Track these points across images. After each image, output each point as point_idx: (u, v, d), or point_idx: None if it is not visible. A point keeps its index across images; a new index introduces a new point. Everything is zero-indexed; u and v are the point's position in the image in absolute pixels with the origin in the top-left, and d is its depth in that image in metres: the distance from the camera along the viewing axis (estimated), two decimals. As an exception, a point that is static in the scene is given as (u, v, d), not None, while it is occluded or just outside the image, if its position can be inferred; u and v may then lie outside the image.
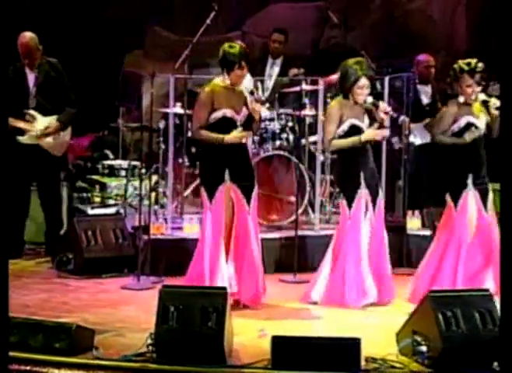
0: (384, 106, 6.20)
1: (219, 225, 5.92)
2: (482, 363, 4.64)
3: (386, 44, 9.93)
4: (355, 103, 6.17)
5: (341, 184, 6.40)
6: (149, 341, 4.69)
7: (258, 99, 6.10)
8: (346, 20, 9.59)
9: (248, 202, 5.96)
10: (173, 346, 4.63)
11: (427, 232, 7.51)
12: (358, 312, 5.96)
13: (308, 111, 7.84)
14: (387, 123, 6.24)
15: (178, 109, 7.59)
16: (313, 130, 7.85)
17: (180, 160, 7.73)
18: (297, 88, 7.76)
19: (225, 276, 5.86)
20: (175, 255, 7.00)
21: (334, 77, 7.90)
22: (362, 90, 6.11)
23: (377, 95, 6.55)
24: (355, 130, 6.15)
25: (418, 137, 8.04)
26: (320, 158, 7.69)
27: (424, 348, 4.67)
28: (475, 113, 6.20)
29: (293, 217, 7.24)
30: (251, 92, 6.02)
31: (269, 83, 8.37)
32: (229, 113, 5.95)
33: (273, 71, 8.23)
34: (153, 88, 6.92)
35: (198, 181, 7.70)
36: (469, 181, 6.14)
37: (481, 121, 6.20)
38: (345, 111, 6.15)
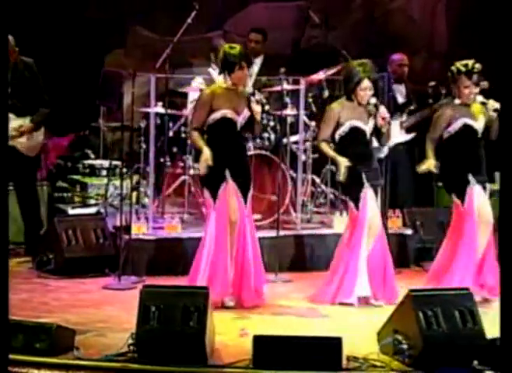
0: (383, 111, 6.20)
1: (224, 224, 5.97)
2: (462, 361, 4.66)
3: (367, 44, 9.95)
4: (358, 105, 6.18)
5: (345, 185, 6.36)
6: (130, 341, 4.68)
7: (259, 100, 6.12)
8: (327, 20, 9.60)
9: (245, 201, 6.01)
10: (155, 346, 4.62)
11: (408, 231, 7.54)
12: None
13: (289, 111, 7.84)
14: (384, 129, 6.21)
15: (159, 108, 7.58)
16: (294, 129, 7.85)
17: (162, 159, 7.72)
18: (278, 88, 7.76)
19: (230, 276, 5.92)
20: (156, 255, 7.00)
21: (315, 76, 7.96)
22: (365, 92, 6.13)
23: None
24: (356, 132, 6.17)
25: (393, 137, 8.07)
26: (301, 157, 7.70)
27: (405, 347, 4.69)
28: (473, 115, 6.24)
29: (275, 217, 7.24)
30: (252, 94, 6.06)
31: (249, 82, 8.36)
32: (229, 114, 5.98)
33: (252, 70, 8.23)
34: (134, 87, 6.90)
35: (180, 180, 7.76)
36: (470, 177, 6.20)
37: (479, 123, 6.23)
38: (346, 113, 6.17)
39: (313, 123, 8.04)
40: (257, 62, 8.28)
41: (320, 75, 7.93)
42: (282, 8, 10.34)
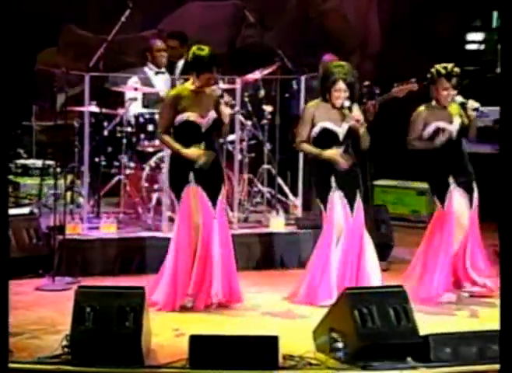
0: (356, 113, 6.16)
1: (186, 226, 5.93)
2: (397, 358, 4.72)
3: (302, 44, 10.01)
4: (333, 107, 6.18)
5: (315, 187, 6.39)
6: (65, 343, 4.63)
7: (228, 102, 6.04)
8: (263, 19, 9.62)
9: (214, 204, 5.96)
10: (90, 348, 4.58)
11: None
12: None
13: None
14: (361, 130, 6.16)
15: (93, 107, 7.51)
16: (230, 129, 7.84)
17: (97, 159, 7.64)
18: (214, 88, 7.74)
19: (192, 278, 5.88)
20: (91, 255, 6.93)
21: (251, 76, 7.97)
22: (339, 93, 6.11)
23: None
24: (327, 135, 6.15)
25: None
26: (238, 156, 7.70)
27: (340, 345, 4.73)
28: (448, 117, 6.31)
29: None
30: (221, 96, 5.98)
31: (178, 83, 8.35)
32: (192, 116, 5.93)
33: (177, 71, 8.25)
34: (67, 86, 6.82)
35: (116, 180, 7.70)
36: (451, 180, 6.27)
37: (453, 125, 6.30)
38: (320, 113, 6.16)
39: (249, 123, 8.06)
40: (178, 66, 8.28)
41: (256, 75, 7.95)
42: (218, 7, 10.34)
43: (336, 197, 6.15)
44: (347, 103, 6.13)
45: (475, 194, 6.37)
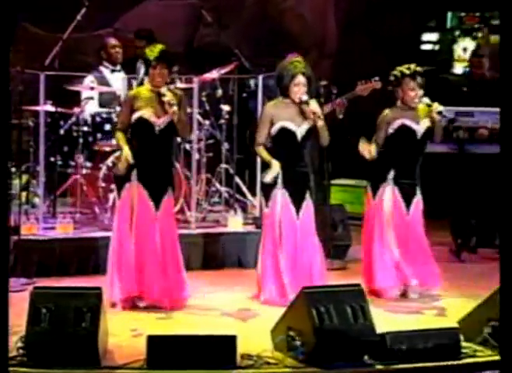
0: (313, 105, 6.10)
1: (124, 224, 5.91)
2: (354, 356, 4.74)
3: (260, 43, 10.02)
4: (293, 103, 6.13)
5: (262, 183, 6.36)
6: (20, 344, 4.57)
7: (167, 101, 5.92)
8: (220, 19, 9.61)
9: (158, 204, 5.91)
10: (46, 349, 4.53)
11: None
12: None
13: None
14: (319, 123, 6.08)
15: (49, 107, 7.44)
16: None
17: (53, 159, 7.57)
18: (171, 87, 7.71)
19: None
20: (47, 256, 6.86)
21: (209, 75, 7.95)
22: (299, 87, 6.07)
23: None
24: (286, 134, 6.11)
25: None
26: (195, 156, 7.68)
27: (298, 343, 4.74)
28: (415, 117, 6.31)
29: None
30: (162, 95, 5.91)
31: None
32: (146, 115, 5.90)
33: (140, 70, 8.21)
34: (22, 85, 6.74)
35: (72, 179, 7.64)
36: (390, 176, 6.28)
37: (420, 125, 6.31)
38: (279, 113, 6.11)
39: (207, 122, 8.05)
40: (141, 66, 8.24)
41: (214, 74, 7.93)
42: (174, 6, 10.30)
43: (279, 195, 6.13)
44: (305, 97, 6.11)
45: (416, 199, 6.34)
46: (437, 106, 6.29)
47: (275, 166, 6.07)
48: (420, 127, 6.34)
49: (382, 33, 10.57)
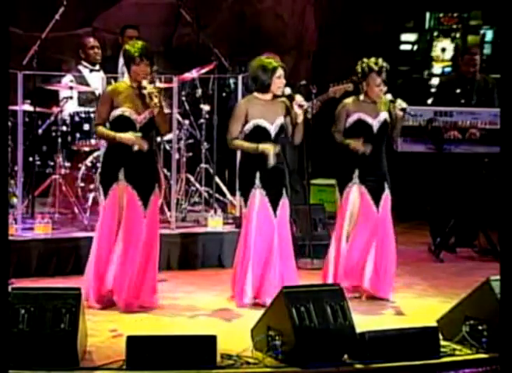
0: (299, 98, 6.01)
1: (110, 224, 5.87)
2: (333, 356, 4.75)
3: (239, 43, 10.01)
4: (274, 98, 6.06)
5: (239, 181, 6.32)
6: (-2, 346, 4.54)
7: (148, 93, 5.81)
8: (198, 18, 9.60)
9: (146, 204, 5.88)
10: (24, 350, 4.50)
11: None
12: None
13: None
14: (300, 119, 6.01)
15: (27, 106, 7.39)
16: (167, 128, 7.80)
17: (31, 159, 7.53)
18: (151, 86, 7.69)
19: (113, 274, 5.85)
20: (26, 256, 6.82)
21: (188, 75, 7.94)
22: (280, 80, 6.00)
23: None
24: (259, 132, 6.04)
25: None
26: (175, 156, 7.67)
27: (278, 343, 4.74)
28: (374, 111, 6.28)
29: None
30: (143, 87, 5.86)
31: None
32: (127, 112, 5.86)
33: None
34: None
35: (51, 179, 7.59)
36: (355, 175, 6.27)
37: (376, 120, 6.28)
38: (253, 110, 6.03)
39: (186, 122, 8.04)
40: (121, 61, 8.21)
41: (193, 74, 7.92)
42: (153, 5, 10.26)
43: (258, 194, 6.08)
44: (288, 91, 6.05)
45: (385, 195, 6.30)
46: (401, 103, 6.28)
47: (267, 148, 5.99)
48: (376, 121, 6.30)
49: (361, 34, 10.60)
